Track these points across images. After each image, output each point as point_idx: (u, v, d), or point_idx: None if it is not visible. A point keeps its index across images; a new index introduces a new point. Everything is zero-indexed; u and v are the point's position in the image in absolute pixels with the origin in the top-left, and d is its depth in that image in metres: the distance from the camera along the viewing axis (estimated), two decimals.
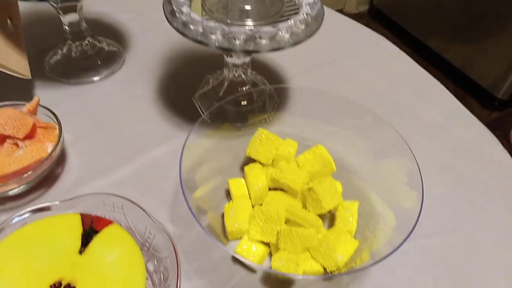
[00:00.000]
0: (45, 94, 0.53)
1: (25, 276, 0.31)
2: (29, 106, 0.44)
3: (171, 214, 0.43)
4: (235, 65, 0.50)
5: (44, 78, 0.56)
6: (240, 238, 0.40)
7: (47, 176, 0.44)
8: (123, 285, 0.31)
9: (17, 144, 0.42)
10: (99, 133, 0.50)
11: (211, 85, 0.54)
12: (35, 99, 0.44)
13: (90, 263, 0.32)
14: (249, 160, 0.44)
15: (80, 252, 0.32)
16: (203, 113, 0.53)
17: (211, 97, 0.53)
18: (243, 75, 0.51)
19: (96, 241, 0.33)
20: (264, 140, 0.42)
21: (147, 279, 0.34)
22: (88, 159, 0.47)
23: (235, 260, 0.40)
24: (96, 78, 0.57)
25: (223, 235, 0.41)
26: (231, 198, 0.43)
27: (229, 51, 0.47)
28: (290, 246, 0.36)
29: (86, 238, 0.33)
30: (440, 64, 1.63)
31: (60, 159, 0.46)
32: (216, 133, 0.45)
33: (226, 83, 0.52)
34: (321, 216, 0.39)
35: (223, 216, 0.43)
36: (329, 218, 0.42)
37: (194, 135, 0.41)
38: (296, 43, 0.39)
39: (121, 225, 0.35)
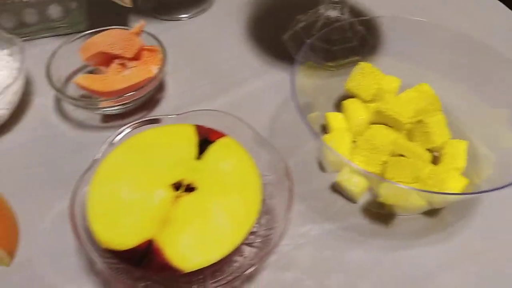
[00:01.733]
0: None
1: (147, 176, 0.32)
2: (135, 29, 0.44)
3: None
4: (333, 1, 0.49)
5: (137, 12, 0.57)
6: (338, 170, 0.39)
7: (148, 100, 0.45)
8: (241, 191, 0.31)
9: (124, 65, 0.44)
10: (194, 66, 0.51)
11: (301, 25, 0.53)
12: (141, 23, 0.45)
13: (207, 169, 0.32)
14: (343, 99, 0.44)
15: (197, 158, 0.33)
16: (293, 53, 0.52)
17: (301, 37, 0.52)
18: (339, 15, 0.50)
19: (212, 150, 0.34)
20: (366, 73, 0.41)
21: None
22: (185, 89, 0.48)
23: (334, 190, 0.40)
24: (187, 15, 0.57)
25: (320, 166, 0.41)
26: (326, 133, 0.43)
27: None
28: (399, 176, 0.35)
29: (202, 147, 0.34)
30: None
31: (160, 86, 0.47)
32: (306, 72, 0.45)
33: (320, 23, 0.51)
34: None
35: (318, 150, 0.43)
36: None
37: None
38: None
39: None
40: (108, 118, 0.44)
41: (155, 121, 0.37)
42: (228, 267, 0.33)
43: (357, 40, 0.50)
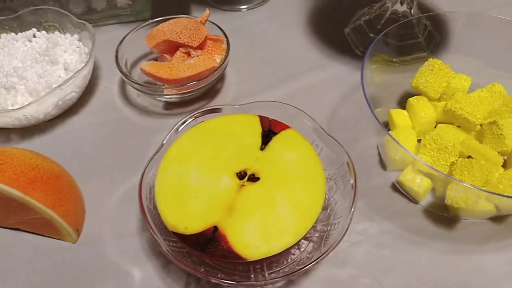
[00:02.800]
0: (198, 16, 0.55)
1: (213, 163, 0.32)
2: (201, 18, 0.45)
3: None
4: None
5: (198, 2, 0.57)
6: (400, 169, 0.38)
7: (209, 89, 0.46)
8: (305, 184, 0.31)
9: (188, 53, 0.44)
10: (253, 56, 0.51)
11: (365, 18, 0.52)
12: (206, 12, 0.45)
13: (271, 159, 0.32)
14: (406, 96, 0.42)
15: (261, 149, 0.33)
16: (355, 46, 0.51)
17: (363, 31, 0.51)
18: (406, 9, 0.49)
19: (276, 141, 0.34)
20: (436, 70, 0.40)
21: None
22: (245, 79, 0.48)
23: (395, 189, 0.39)
24: (246, 6, 0.57)
25: (381, 164, 0.41)
26: (389, 129, 0.42)
27: None
28: (468, 178, 0.34)
29: (266, 138, 0.34)
30: None
31: (221, 76, 0.47)
32: (371, 67, 0.43)
33: (385, 17, 0.50)
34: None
35: (377, 147, 0.42)
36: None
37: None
38: None
39: None
40: (170, 105, 0.45)
41: (218, 110, 0.37)
42: (285, 259, 0.33)
43: (424, 36, 0.48)
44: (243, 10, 0.57)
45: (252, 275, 0.32)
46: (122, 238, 0.35)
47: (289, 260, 0.33)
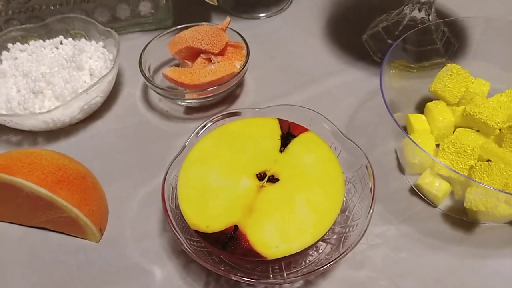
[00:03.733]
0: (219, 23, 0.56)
1: (233, 164, 0.33)
2: (221, 25, 0.46)
3: None
4: (420, 2, 0.48)
5: (217, 10, 0.58)
6: (418, 173, 0.38)
7: (228, 95, 0.47)
8: (324, 186, 0.32)
9: (209, 59, 0.45)
10: (272, 63, 0.52)
11: (383, 25, 0.52)
12: (227, 20, 0.46)
13: (290, 161, 0.33)
14: (424, 102, 0.42)
15: (281, 151, 0.34)
16: (373, 52, 0.52)
17: (381, 37, 0.51)
18: (424, 16, 0.49)
19: (295, 144, 0.34)
20: (454, 75, 0.40)
21: None
22: (263, 85, 0.49)
23: (413, 192, 0.39)
24: (265, 14, 0.58)
25: (399, 168, 0.41)
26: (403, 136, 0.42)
27: None
28: (487, 181, 0.34)
29: (285, 140, 0.34)
30: None
31: (240, 81, 0.48)
32: (389, 72, 0.44)
33: (403, 23, 0.50)
34: None
35: (395, 151, 0.42)
36: None
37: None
38: None
39: None
40: (190, 110, 0.46)
41: (237, 114, 0.38)
42: (303, 260, 0.34)
43: (442, 42, 0.48)
44: (262, 18, 0.58)
45: (271, 275, 0.32)
46: (143, 239, 0.36)
47: (307, 262, 0.34)
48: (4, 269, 0.35)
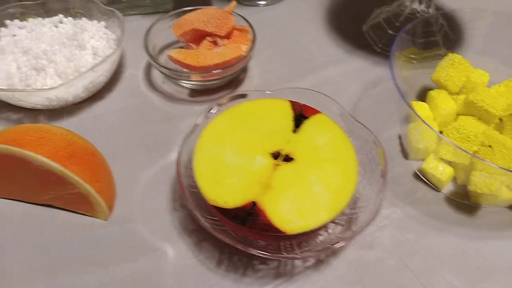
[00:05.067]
0: None
1: (248, 143, 0.33)
2: (227, 9, 0.46)
3: None
4: None
5: None
6: (422, 158, 0.39)
7: (233, 79, 0.47)
8: (338, 165, 0.32)
9: (215, 42, 0.45)
10: (273, 49, 0.52)
11: (383, 16, 0.53)
12: (233, 3, 0.46)
13: (304, 142, 0.33)
14: (426, 90, 0.44)
15: (294, 131, 0.34)
16: (373, 42, 0.53)
17: (382, 28, 0.52)
18: (424, 8, 0.50)
19: (307, 125, 0.35)
20: (456, 64, 0.41)
21: None
22: (265, 70, 0.49)
23: (417, 177, 0.40)
24: (265, 2, 0.58)
25: (402, 153, 0.42)
26: (408, 122, 0.43)
27: None
28: (490, 166, 0.35)
29: (297, 121, 0.35)
30: None
31: (246, 65, 0.48)
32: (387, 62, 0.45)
33: (404, 15, 0.51)
34: None
35: (399, 137, 0.43)
36: None
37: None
38: None
39: None
40: (194, 93, 0.46)
41: (246, 95, 0.38)
42: (314, 240, 0.34)
43: (441, 35, 0.50)
44: (261, 5, 0.58)
45: (284, 254, 0.32)
46: (152, 217, 0.36)
47: (318, 241, 0.34)
48: (7, 248, 0.34)
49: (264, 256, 0.29)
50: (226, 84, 0.47)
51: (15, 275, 0.32)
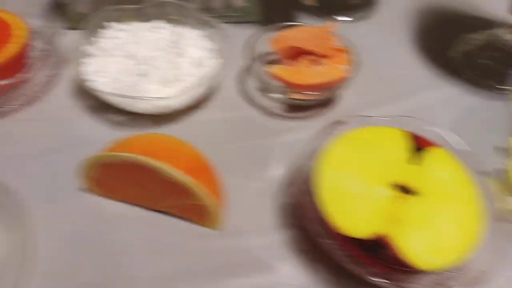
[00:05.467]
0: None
1: (368, 172, 0.33)
2: (327, 27, 0.46)
3: None
4: None
5: (300, 10, 0.58)
6: None
7: (328, 98, 0.47)
8: (463, 204, 0.32)
9: (314, 61, 0.46)
10: (362, 69, 0.52)
11: (473, 43, 0.53)
12: (334, 23, 0.47)
13: (426, 175, 0.33)
14: None
15: (411, 163, 0.34)
16: (461, 70, 0.53)
17: (470, 56, 0.52)
18: None
19: (427, 157, 0.34)
20: None
21: None
22: (358, 91, 0.49)
23: None
24: (349, 19, 0.59)
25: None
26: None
27: None
28: None
29: (415, 153, 0.35)
30: None
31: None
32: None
33: (496, 45, 0.51)
34: None
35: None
36: None
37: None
38: None
39: None
40: (289, 108, 0.47)
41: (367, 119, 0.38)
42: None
43: None
44: (345, 23, 0.59)
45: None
46: (261, 233, 0.36)
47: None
48: (133, 253, 0.35)
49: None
50: (321, 102, 0.47)
51: (139, 282, 0.33)
